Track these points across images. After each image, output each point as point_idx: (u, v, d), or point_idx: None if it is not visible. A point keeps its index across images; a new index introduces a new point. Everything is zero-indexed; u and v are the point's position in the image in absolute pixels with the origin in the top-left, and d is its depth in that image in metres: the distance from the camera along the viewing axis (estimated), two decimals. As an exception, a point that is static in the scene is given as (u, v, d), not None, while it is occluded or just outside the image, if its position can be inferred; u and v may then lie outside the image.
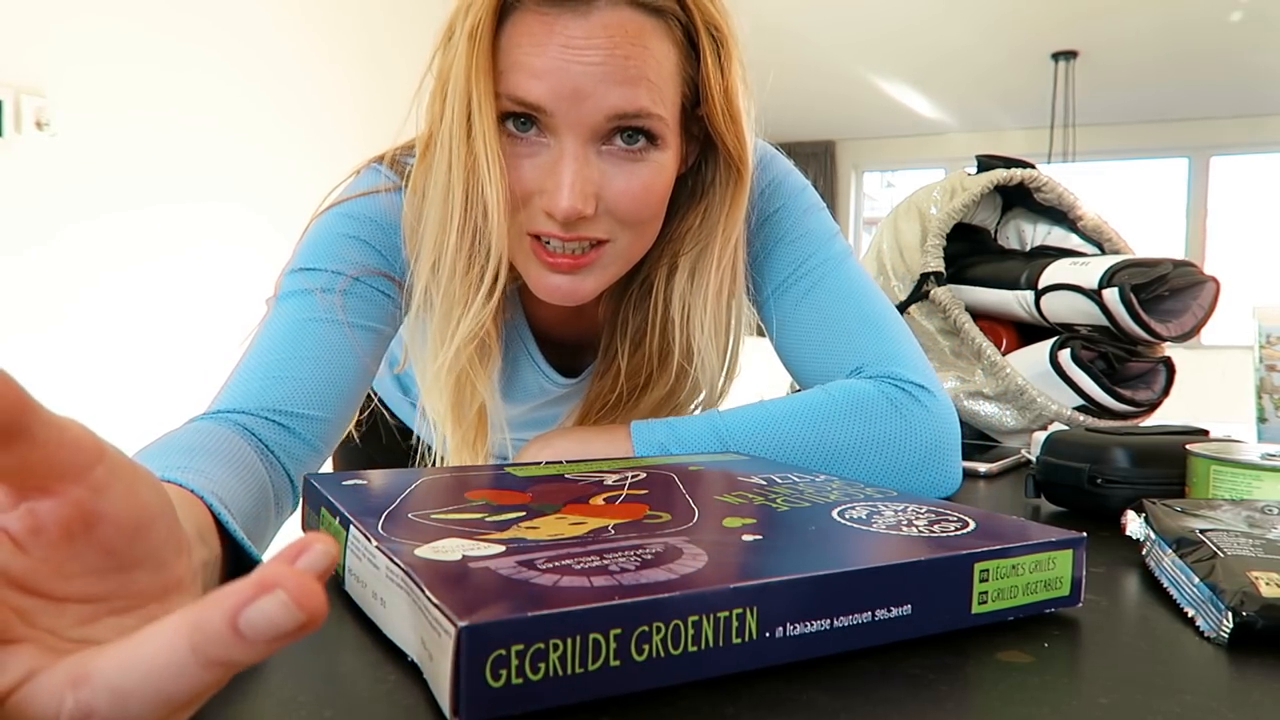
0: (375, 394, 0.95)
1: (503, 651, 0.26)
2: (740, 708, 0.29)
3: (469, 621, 0.26)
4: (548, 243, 0.61)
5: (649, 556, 0.33)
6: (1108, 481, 0.58)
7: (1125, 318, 0.96)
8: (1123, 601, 0.41)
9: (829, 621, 0.32)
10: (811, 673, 0.31)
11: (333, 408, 0.60)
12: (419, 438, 0.80)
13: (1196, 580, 0.38)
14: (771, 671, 0.31)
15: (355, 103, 3.01)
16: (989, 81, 5.11)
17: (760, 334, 0.76)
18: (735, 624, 0.30)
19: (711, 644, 0.30)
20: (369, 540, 0.35)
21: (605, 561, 0.32)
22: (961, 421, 1.06)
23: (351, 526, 0.37)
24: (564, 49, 0.55)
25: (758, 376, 0.85)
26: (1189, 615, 0.37)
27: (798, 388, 0.74)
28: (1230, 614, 0.34)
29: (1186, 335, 0.99)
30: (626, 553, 0.34)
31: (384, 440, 0.96)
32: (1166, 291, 1.00)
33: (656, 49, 0.58)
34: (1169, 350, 1.08)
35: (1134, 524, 0.48)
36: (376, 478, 0.46)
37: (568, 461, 0.54)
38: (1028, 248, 1.19)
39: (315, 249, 0.63)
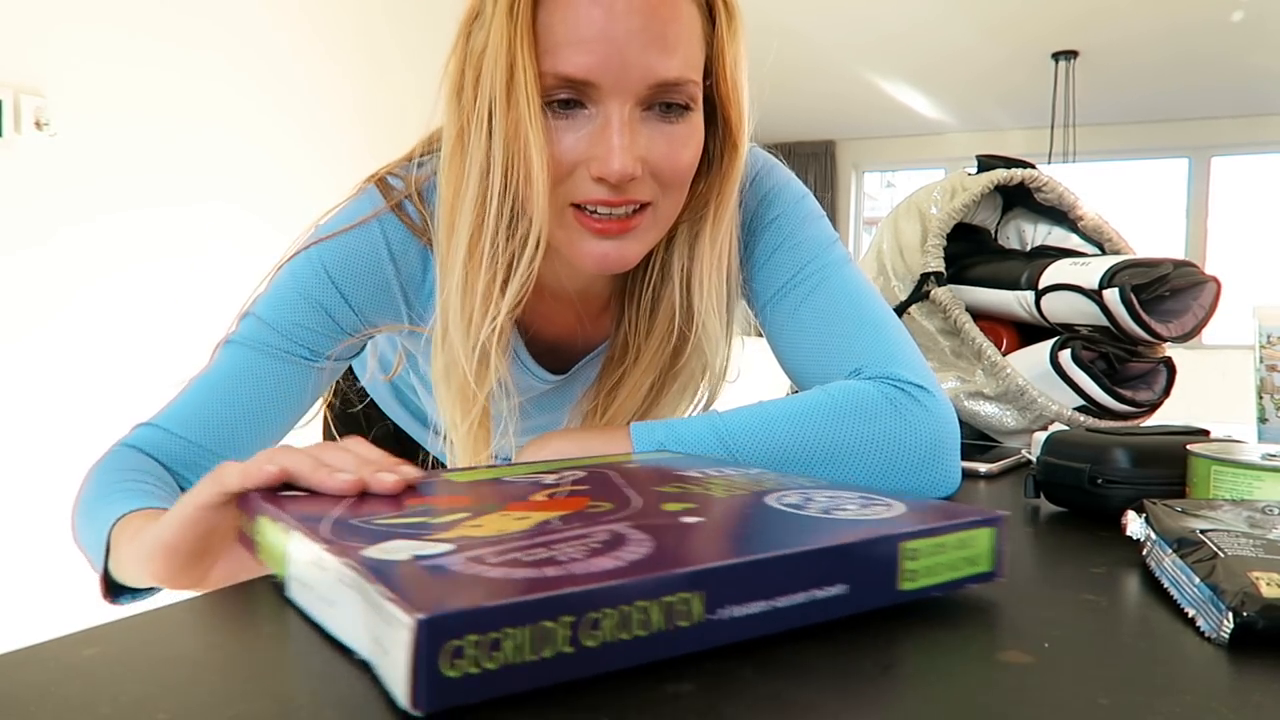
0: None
1: (459, 642, 0.27)
2: (739, 707, 0.28)
3: (426, 614, 0.26)
4: (593, 211, 0.62)
5: (596, 545, 0.34)
6: (1108, 482, 0.58)
7: (1126, 318, 0.96)
8: (1123, 602, 0.41)
9: (770, 602, 0.33)
10: (811, 673, 0.31)
11: (256, 446, 0.66)
12: (429, 454, 0.81)
13: (1197, 580, 0.37)
14: (771, 674, 0.31)
15: (355, 102, 3.01)
16: (989, 81, 5.12)
17: (759, 334, 0.77)
18: (682, 608, 0.31)
19: (659, 628, 0.31)
20: (316, 544, 0.35)
21: (553, 552, 0.33)
22: (962, 422, 1.06)
23: (295, 533, 0.37)
24: (607, 18, 0.57)
25: (758, 379, 0.85)
26: (1189, 615, 0.37)
27: (796, 391, 0.74)
28: (1231, 614, 0.34)
29: (1187, 335, 0.99)
30: (573, 542, 0.34)
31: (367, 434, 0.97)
32: (1167, 292, 1.00)
33: (685, 13, 0.60)
34: (1169, 350, 1.08)
35: (1134, 524, 0.48)
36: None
37: (503, 464, 0.55)
38: (1028, 248, 1.19)
39: (281, 301, 0.67)
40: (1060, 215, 1.15)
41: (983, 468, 0.77)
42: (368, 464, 0.44)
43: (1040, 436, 0.69)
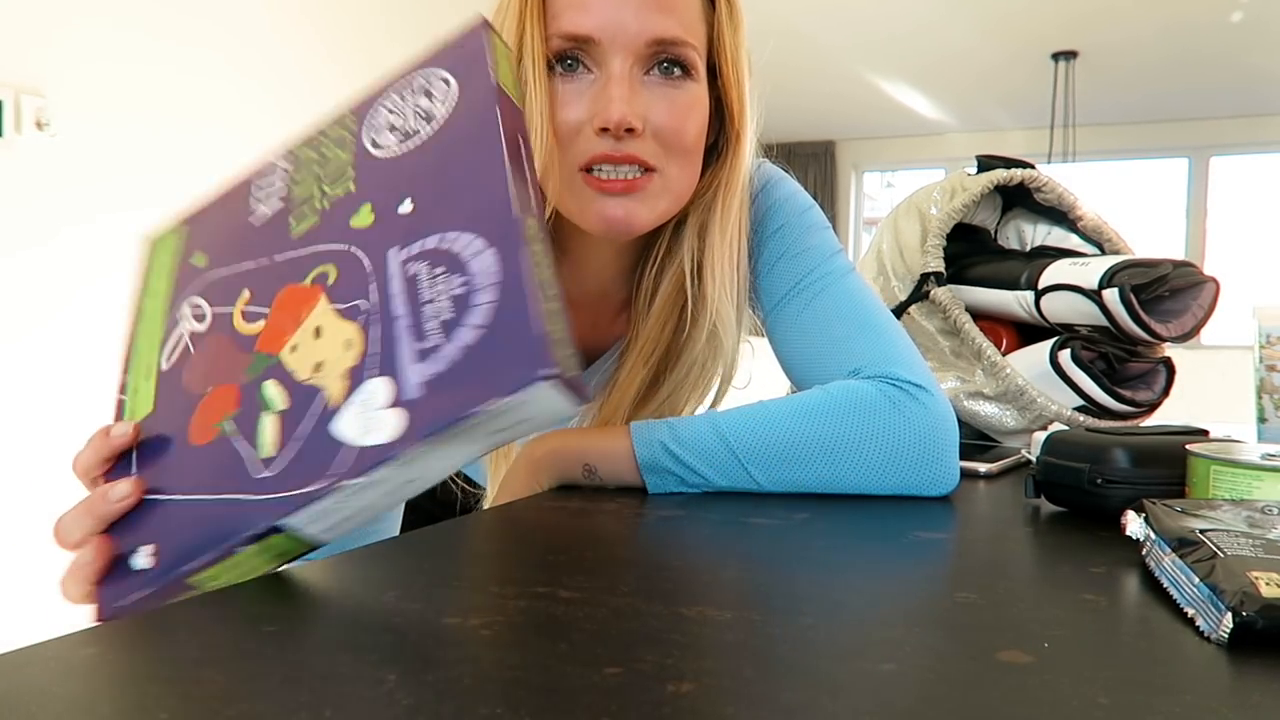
0: None
1: None
2: (739, 707, 0.28)
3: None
4: (599, 171, 0.65)
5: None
6: (1108, 481, 0.58)
7: (1125, 318, 0.96)
8: (1123, 601, 0.41)
9: None
10: (810, 672, 0.31)
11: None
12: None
13: (1196, 580, 0.38)
14: (771, 673, 0.31)
15: (355, 103, 3.00)
16: (989, 81, 5.11)
17: (759, 333, 0.78)
18: None
19: None
20: (353, 471, 0.36)
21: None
22: (962, 422, 1.06)
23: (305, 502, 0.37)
24: None
25: (760, 384, 0.86)
26: (1189, 615, 0.37)
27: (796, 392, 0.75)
28: (1230, 614, 0.34)
29: (1187, 336, 0.99)
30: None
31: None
32: (1166, 292, 1.00)
33: None
34: (1169, 350, 1.08)
35: (1134, 524, 0.48)
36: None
37: None
38: (1028, 248, 1.19)
39: None
40: (1060, 215, 1.15)
41: (983, 468, 0.77)
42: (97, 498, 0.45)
43: (1040, 436, 0.69)
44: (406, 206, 0.42)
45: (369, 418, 0.36)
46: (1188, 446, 0.57)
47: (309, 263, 0.44)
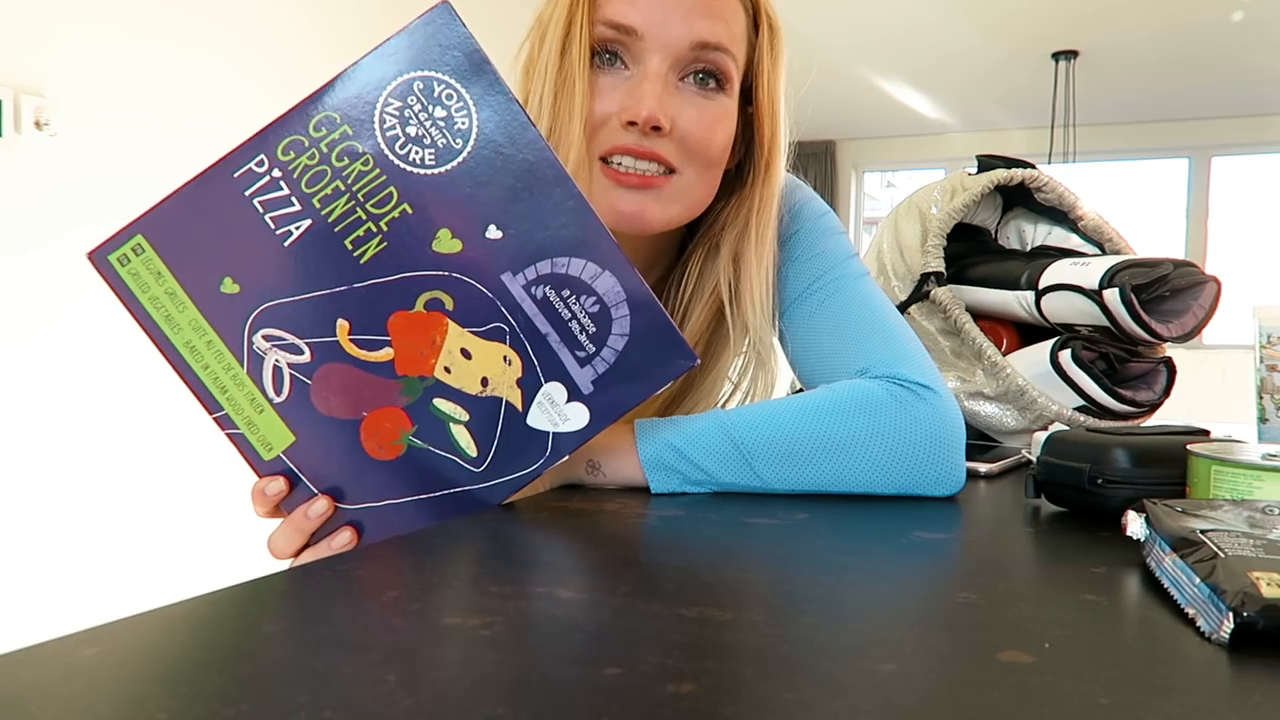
0: None
1: None
2: (739, 707, 0.28)
3: None
4: (619, 164, 0.66)
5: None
6: (1108, 481, 0.58)
7: (1126, 318, 0.96)
8: (1123, 602, 0.41)
9: None
10: (811, 673, 0.31)
11: None
12: None
13: (1197, 581, 0.37)
14: (771, 674, 0.31)
15: (355, 103, 3.00)
16: (989, 81, 5.11)
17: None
18: None
19: None
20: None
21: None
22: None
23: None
24: None
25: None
26: (1189, 615, 0.37)
27: (799, 389, 0.75)
28: (1231, 615, 0.34)
29: (1187, 336, 0.99)
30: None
31: None
32: (1167, 292, 1.00)
33: (732, 3, 0.67)
34: (1170, 351, 1.08)
35: (1134, 524, 0.47)
36: None
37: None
38: (1028, 248, 1.19)
39: None
40: (1060, 215, 1.15)
41: (983, 468, 0.77)
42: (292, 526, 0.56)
43: (1040, 436, 0.69)
44: (494, 233, 0.45)
45: (556, 412, 0.46)
46: (1188, 446, 0.57)
47: (407, 289, 0.46)
